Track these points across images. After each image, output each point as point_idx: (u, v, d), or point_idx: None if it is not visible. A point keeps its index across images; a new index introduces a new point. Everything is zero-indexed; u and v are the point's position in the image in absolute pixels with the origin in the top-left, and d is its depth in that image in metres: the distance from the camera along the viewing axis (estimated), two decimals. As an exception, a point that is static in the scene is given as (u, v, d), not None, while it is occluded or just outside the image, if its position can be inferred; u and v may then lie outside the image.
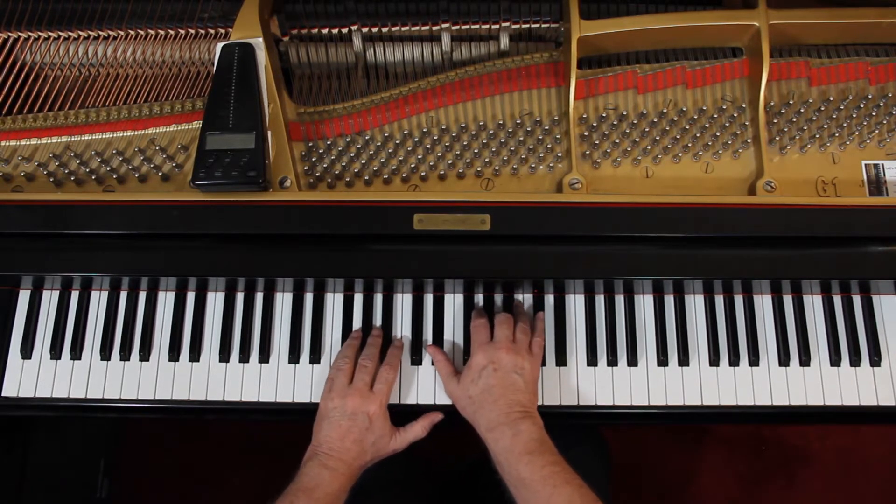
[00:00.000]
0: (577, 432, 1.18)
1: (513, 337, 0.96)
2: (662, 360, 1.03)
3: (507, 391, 0.92)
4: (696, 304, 1.06)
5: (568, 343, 1.04)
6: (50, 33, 1.10)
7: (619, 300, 1.06)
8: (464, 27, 1.08)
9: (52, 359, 1.04)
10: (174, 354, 1.04)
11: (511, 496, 0.89)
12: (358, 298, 1.06)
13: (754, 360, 1.03)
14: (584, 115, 1.07)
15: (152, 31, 1.10)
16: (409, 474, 1.16)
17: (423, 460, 1.21)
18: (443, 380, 0.99)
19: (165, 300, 1.07)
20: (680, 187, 1.04)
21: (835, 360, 1.03)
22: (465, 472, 1.26)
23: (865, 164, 1.05)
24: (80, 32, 1.10)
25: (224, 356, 1.04)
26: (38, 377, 1.03)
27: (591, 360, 1.03)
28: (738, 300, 1.06)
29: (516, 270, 1.00)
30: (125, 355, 1.04)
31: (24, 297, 1.07)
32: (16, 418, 1.28)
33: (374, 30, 1.09)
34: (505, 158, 1.05)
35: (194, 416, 1.05)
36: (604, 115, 1.06)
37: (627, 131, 1.05)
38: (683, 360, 1.03)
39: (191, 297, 1.07)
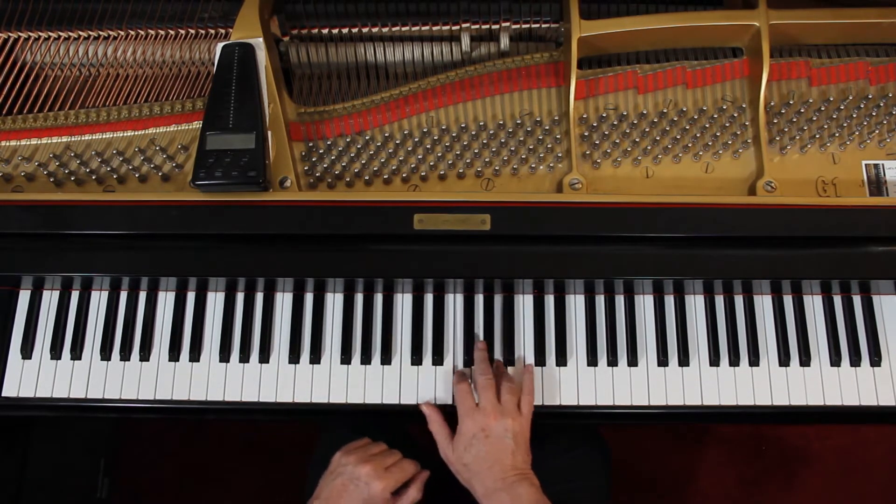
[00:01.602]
0: (577, 432, 1.17)
1: (498, 399, 0.95)
2: (662, 360, 1.03)
3: (501, 456, 0.91)
4: (696, 304, 1.06)
5: (568, 343, 1.04)
6: (50, 33, 1.10)
7: (619, 300, 1.06)
8: (464, 27, 1.08)
9: (52, 359, 1.04)
10: (174, 354, 1.04)
11: None
12: (358, 298, 1.06)
13: (754, 360, 1.03)
14: (585, 115, 1.07)
15: (152, 31, 1.10)
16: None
17: (423, 455, 1.21)
18: (438, 443, 0.98)
19: (165, 300, 1.07)
20: (680, 187, 1.04)
21: (835, 360, 1.03)
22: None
23: (865, 164, 1.05)
24: (80, 32, 1.10)
25: (224, 356, 1.04)
26: (39, 377, 1.03)
27: (592, 361, 1.03)
28: (738, 300, 1.06)
29: (516, 270, 1.00)
30: (125, 355, 1.04)
31: (24, 297, 1.07)
32: (16, 418, 1.28)
33: (375, 30, 1.09)
34: (505, 158, 1.05)
35: (194, 416, 1.06)
36: (604, 115, 1.06)
37: (627, 131, 1.05)
38: (683, 360, 1.03)
39: (191, 297, 1.07)
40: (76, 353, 1.04)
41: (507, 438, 0.92)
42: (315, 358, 1.04)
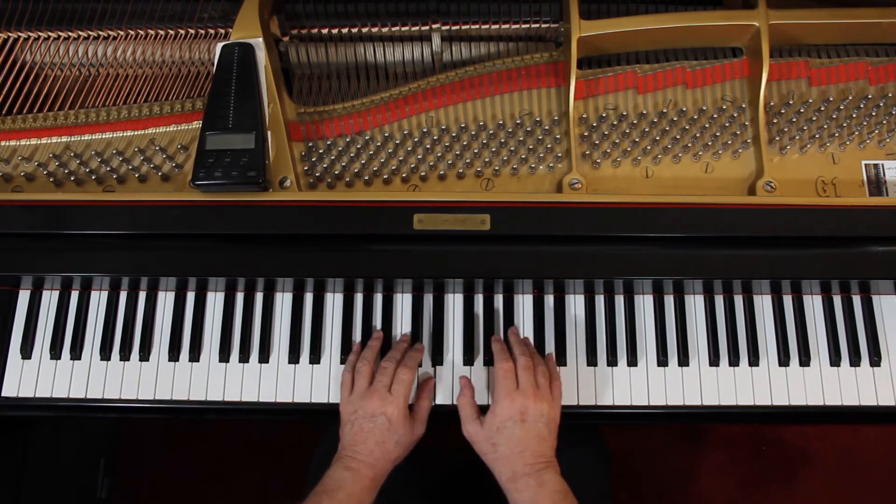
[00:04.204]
0: (577, 432, 1.17)
1: (536, 381, 0.95)
2: (662, 361, 1.03)
3: (533, 442, 0.91)
4: (695, 304, 1.06)
5: (568, 343, 1.04)
6: (50, 33, 1.10)
7: (619, 300, 1.06)
8: (463, 27, 1.08)
9: (52, 359, 1.04)
10: (174, 354, 1.04)
11: None
12: (358, 298, 1.06)
13: (754, 361, 1.03)
14: (584, 115, 1.07)
15: (152, 31, 1.10)
16: (412, 468, 1.16)
17: (427, 453, 1.21)
18: (463, 418, 0.97)
19: (165, 300, 1.07)
20: (680, 187, 1.04)
21: (835, 361, 1.03)
22: (469, 463, 1.25)
23: (865, 164, 1.05)
24: (80, 32, 1.10)
25: (224, 356, 1.04)
26: (38, 377, 1.03)
27: (591, 360, 1.03)
28: (738, 300, 1.06)
29: (516, 270, 1.00)
30: (125, 355, 1.04)
31: (24, 297, 1.07)
32: (16, 418, 1.28)
33: (375, 30, 1.09)
34: (505, 158, 1.05)
35: (194, 416, 1.05)
36: (604, 115, 1.06)
37: (627, 131, 1.05)
38: (683, 361, 1.03)
39: (191, 297, 1.07)
40: (76, 353, 1.04)
41: (540, 423, 0.92)
42: (315, 358, 1.04)
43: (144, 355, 1.04)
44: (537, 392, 0.93)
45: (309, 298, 1.06)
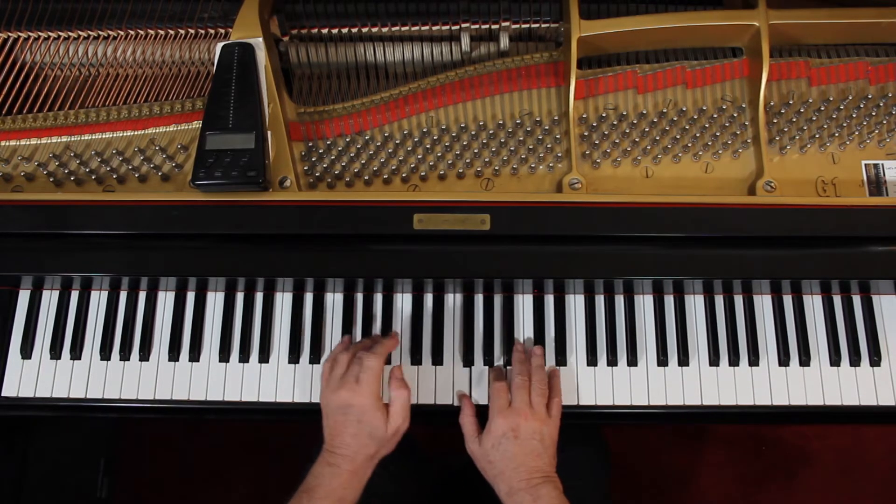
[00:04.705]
0: (577, 432, 1.17)
1: (530, 400, 0.95)
2: (662, 360, 1.03)
3: (527, 458, 0.91)
4: (696, 304, 1.06)
5: (568, 343, 1.04)
6: (50, 33, 1.10)
7: (619, 300, 1.06)
8: (463, 27, 1.08)
9: (51, 359, 1.04)
10: (174, 354, 1.04)
11: None
12: (358, 298, 1.06)
13: (754, 360, 1.03)
14: (584, 115, 1.07)
15: (152, 31, 1.10)
16: (408, 469, 1.16)
17: (424, 453, 1.21)
18: (466, 437, 0.97)
19: (165, 300, 1.07)
20: (680, 187, 1.04)
21: (835, 360, 1.03)
22: (465, 464, 1.25)
23: (865, 164, 1.05)
24: (80, 32, 1.10)
25: (224, 356, 1.04)
26: (38, 377, 1.03)
27: (591, 360, 1.03)
28: (738, 300, 1.06)
29: (516, 270, 1.00)
30: (125, 355, 1.04)
31: (24, 297, 1.07)
32: (16, 418, 1.28)
33: (375, 30, 1.09)
34: (505, 158, 1.05)
35: (194, 416, 1.05)
36: (604, 115, 1.06)
37: (627, 131, 1.05)
38: (683, 360, 1.03)
39: (191, 297, 1.07)
40: (76, 353, 1.04)
41: (534, 440, 0.92)
42: (315, 358, 1.04)
43: (144, 355, 1.04)
44: (530, 410, 0.94)
45: (309, 298, 1.06)
